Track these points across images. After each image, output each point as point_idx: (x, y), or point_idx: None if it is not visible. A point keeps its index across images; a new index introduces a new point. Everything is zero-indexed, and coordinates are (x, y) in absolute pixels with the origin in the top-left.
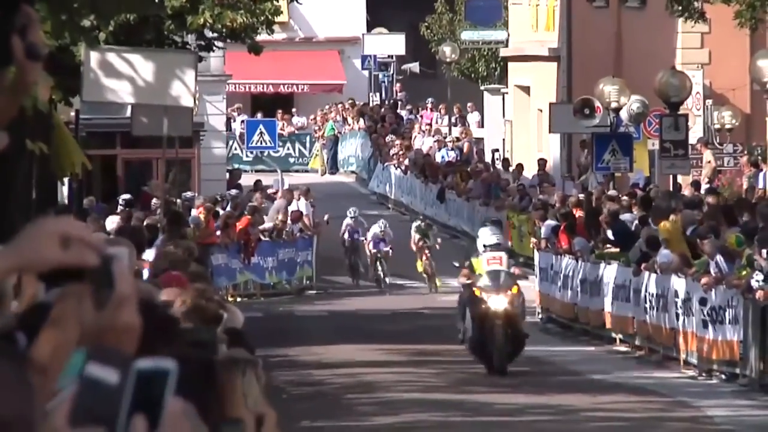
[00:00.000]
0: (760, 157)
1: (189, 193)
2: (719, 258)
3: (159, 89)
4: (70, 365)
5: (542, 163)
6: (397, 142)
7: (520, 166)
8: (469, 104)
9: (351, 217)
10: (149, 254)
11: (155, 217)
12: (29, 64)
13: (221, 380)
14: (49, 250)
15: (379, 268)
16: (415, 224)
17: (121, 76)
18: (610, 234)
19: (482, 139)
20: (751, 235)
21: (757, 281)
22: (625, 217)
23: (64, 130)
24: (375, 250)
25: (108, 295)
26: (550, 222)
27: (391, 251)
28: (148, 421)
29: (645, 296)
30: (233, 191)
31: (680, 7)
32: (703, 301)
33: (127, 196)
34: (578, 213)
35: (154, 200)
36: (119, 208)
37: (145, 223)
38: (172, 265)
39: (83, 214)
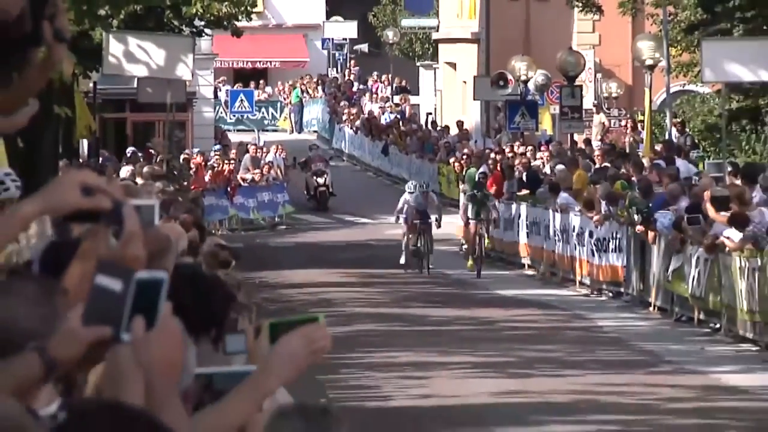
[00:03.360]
0: (639, 120)
1: (188, 151)
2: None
3: (164, 66)
4: None
5: (460, 124)
6: (350, 108)
7: (446, 127)
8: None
9: (410, 192)
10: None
11: (156, 168)
12: (57, 44)
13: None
14: (72, 197)
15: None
16: (466, 193)
17: (133, 55)
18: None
19: (418, 105)
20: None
21: (638, 217)
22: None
23: (80, 100)
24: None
25: (119, 231)
26: (482, 169)
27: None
28: (146, 321)
29: (552, 230)
30: (218, 146)
31: (580, 3)
32: (591, 234)
33: (131, 149)
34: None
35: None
36: (125, 158)
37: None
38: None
39: (102, 165)
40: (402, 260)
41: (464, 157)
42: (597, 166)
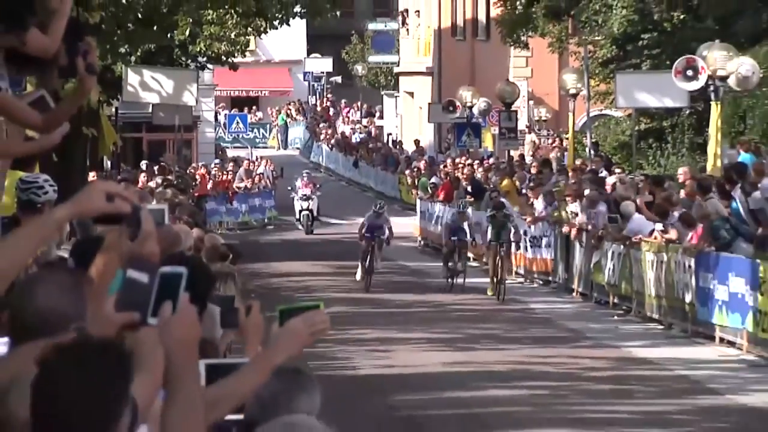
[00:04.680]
0: (564, 138)
1: (193, 164)
2: (540, 201)
3: (173, 94)
4: (115, 280)
5: (417, 142)
6: (326, 129)
7: (401, 144)
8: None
9: (454, 212)
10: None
11: (170, 178)
12: (88, 77)
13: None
14: (98, 202)
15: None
16: (488, 213)
17: (147, 85)
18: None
19: (382, 126)
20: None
21: (571, 216)
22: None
23: (105, 122)
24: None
25: (137, 232)
26: (433, 180)
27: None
28: (170, 306)
29: (524, 237)
30: (218, 160)
31: (512, 41)
32: (526, 233)
33: (145, 162)
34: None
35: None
36: (140, 170)
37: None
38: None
39: (125, 176)
40: (358, 276)
41: (416, 169)
42: (531, 176)
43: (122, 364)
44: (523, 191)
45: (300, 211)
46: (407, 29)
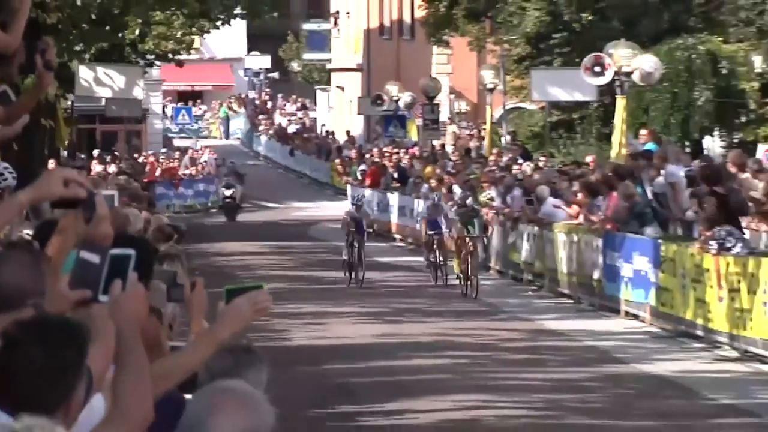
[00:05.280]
0: (483, 129)
1: (143, 153)
2: (458, 189)
3: (124, 88)
4: (69, 259)
5: (348, 133)
6: (265, 121)
7: (333, 134)
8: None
9: (431, 204)
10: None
11: (122, 165)
12: (46, 73)
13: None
14: (57, 188)
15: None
16: (455, 209)
17: (100, 81)
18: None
19: (315, 118)
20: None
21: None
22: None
23: (60, 115)
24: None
25: (91, 215)
26: (362, 167)
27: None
28: (120, 284)
29: (416, 213)
30: (165, 149)
31: (434, 40)
32: (446, 216)
33: (97, 151)
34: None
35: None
36: (94, 158)
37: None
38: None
39: (81, 163)
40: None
41: (346, 158)
42: (452, 163)
43: (79, 339)
44: (445, 178)
45: (223, 199)
46: (339, 29)
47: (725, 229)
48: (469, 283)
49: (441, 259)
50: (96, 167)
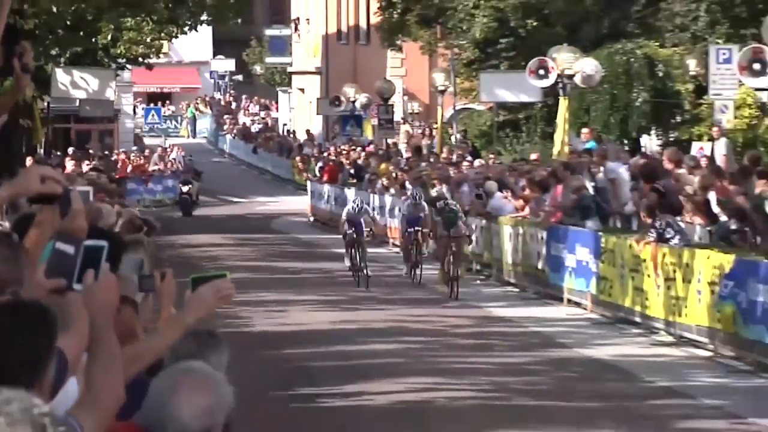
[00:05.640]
0: (434, 128)
1: (115, 151)
2: (409, 185)
3: (97, 90)
4: (45, 250)
5: (308, 131)
6: (229, 120)
7: (294, 133)
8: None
9: (409, 203)
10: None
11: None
12: (23, 75)
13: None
14: (34, 184)
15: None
16: (438, 203)
17: (75, 83)
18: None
19: (277, 118)
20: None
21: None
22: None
23: (37, 116)
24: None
25: (67, 210)
26: (320, 164)
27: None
28: (93, 274)
29: (371, 207)
30: (136, 147)
31: (389, 45)
32: (399, 209)
33: (71, 149)
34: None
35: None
36: (69, 156)
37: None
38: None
39: (57, 161)
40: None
41: (306, 155)
42: (405, 161)
43: (48, 322)
44: (398, 175)
45: (180, 194)
46: (299, 35)
47: (666, 220)
48: (455, 285)
49: (418, 256)
50: (69, 164)
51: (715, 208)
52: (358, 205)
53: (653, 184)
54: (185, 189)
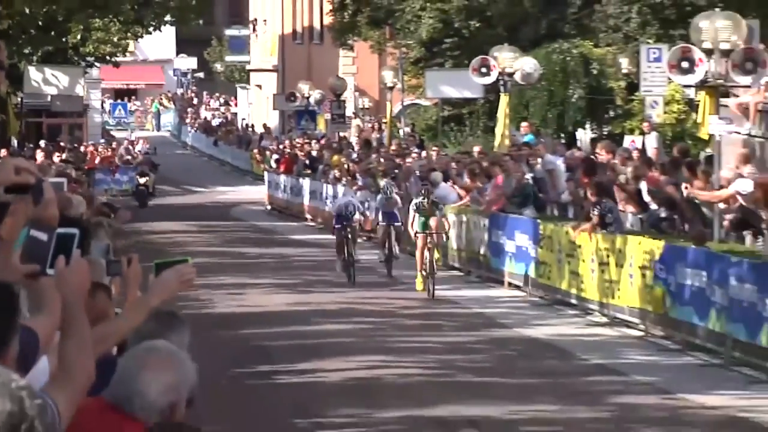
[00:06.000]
0: (383, 122)
1: (84, 143)
2: (360, 176)
3: (68, 86)
4: (20, 237)
5: (265, 125)
6: (192, 115)
7: (252, 127)
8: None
9: (381, 197)
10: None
11: (65, 155)
12: None
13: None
14: (9, 175)
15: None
16: (415, 201)
17: (47, 80)
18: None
19: (236, 113)
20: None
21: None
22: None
23: (12, 110)
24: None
25: (40, 199)
26: (276, 156)
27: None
28: (65, 259)
29: (325, 196)
30: (104, 140)
31: (341, 44)
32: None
33: (43, 142)
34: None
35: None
36: (41, 148)
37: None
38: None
39: (30, 153)
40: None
41: (263, 148)
42: (356, 153)
43: (10, 299)
44: (349, 166)
45: (137, 186)
46: (257, 35)
47: (610, 205)
48: (431, 282)
49: (396, 252)
50: (39, 156)
51: (647, 197)
52: (351, 211)
53: (591, 178)
54: (142, 181)
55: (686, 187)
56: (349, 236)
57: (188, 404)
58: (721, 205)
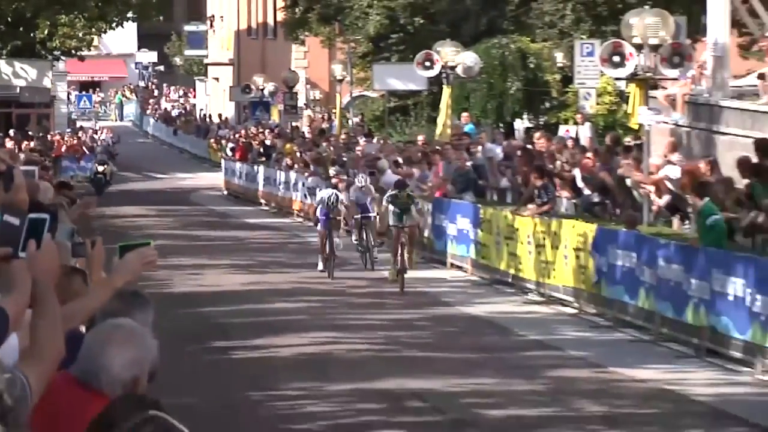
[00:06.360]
0: (333, 113)
1: (51, 132)
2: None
3: (36, 79)
4: None
5: (221, 116)
6: (153, 106)
7: (210, 117)
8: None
9: (358, 187)
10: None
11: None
12: None
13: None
14: None
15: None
16: (389, 192)
17: (17, 73)
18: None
19: (195, 104)
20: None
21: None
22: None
23: None
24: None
25: (10, 185)
26: (231, 145)
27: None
28: (36, 243)
29: (278, 182)
30: (70, 129)
31: (293, 39)
32: (303, 184)
33: (12, 131)
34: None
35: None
36: (9, 136)
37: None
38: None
39: (0, 141)
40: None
41: (220, 137)
42: (307, 142)
43: None
44: (301, 154)
45: (95, 174)
46: (214, 30)
47: (551, 189)
48: (402, 277)
49: (372, 242)
50: (8, 144)
51: (580, 183)
52: (334, 201)
53: (531, 165)
54: (100, 169)
55: (620, 167)
56: (331, 229)
57: (150, 378)
58: (653, 196)
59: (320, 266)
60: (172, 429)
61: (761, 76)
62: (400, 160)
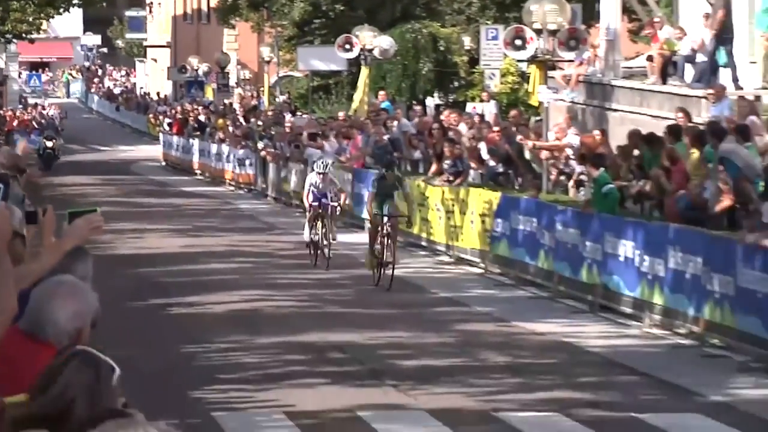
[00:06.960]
0: (261, 91)
1: (3, 109)
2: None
3: None
4: None
5: (159, 94)
6: (97, 84)
7: (149, 95)
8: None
9: (318, 173)
10: None
11: None
12: None
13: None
14: None
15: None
16: (377, 175)
17: None
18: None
19: (136, 83)
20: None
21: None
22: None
23: None
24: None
25: None
26: (168, 120)
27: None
28: None
29: (212, 154)
30: (21, 106)
31: (225, 23)
32: (235, 155)
33: None
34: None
35: None
36: None
37: None
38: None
39: None
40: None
41: (158, 113)
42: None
43: None
44: (232, 128)
45: (44, 149)
46: (152, 15)
47: (463, 161)
48: (383, 270)
49: (326, 237)
50: None
51: (486, 155)
52: (324, 163)
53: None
54: (50, 144)
55: (521, 139)
56: (324, 218)
57: (92, 326)
58: (553, 170)
59: (306, 237)
60: (97, 360)
61: (649, 58)
62: (317, 133)
